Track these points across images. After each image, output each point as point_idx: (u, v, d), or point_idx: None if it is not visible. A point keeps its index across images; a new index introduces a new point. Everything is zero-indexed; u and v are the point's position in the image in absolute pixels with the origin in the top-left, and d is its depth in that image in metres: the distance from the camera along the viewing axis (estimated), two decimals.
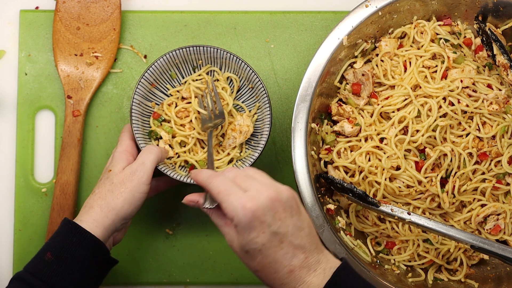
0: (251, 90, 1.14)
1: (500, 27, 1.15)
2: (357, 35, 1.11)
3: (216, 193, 0.92)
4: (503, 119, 1.11)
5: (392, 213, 1.06)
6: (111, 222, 1.01)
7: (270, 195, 0.90)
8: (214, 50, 1.11)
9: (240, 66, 1.12)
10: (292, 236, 0.91)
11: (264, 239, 0.90)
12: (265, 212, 0.89)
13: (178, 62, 1.13)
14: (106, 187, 1.03)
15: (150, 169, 1.04)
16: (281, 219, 0.90)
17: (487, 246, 1.02)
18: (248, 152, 1.14)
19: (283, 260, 0.91)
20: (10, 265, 1.18)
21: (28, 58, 1.20)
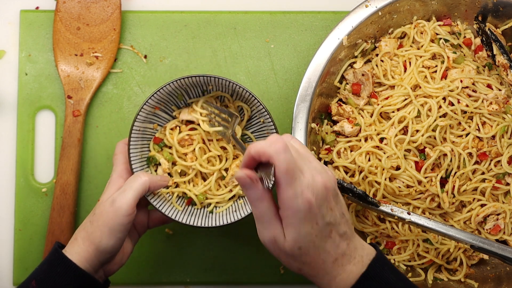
0: (261, 124, 1.10)
1: (500, 27, 1.15)
2: (357, 35, 1.11)
3: (283, 170, 0.82)
4: (502, 119, 1.12)
5: (392, 213, 1.06)
6: (93, 256, 0.97)
7: (325, 183, 0.85)
8: (226, 82, 1.05)
9: (251, 100, 1.07)
10: (339, 225, 0.88)
11: (318, 230, 0.85)
12: (321, 203, 0.85)
13: (186, 87, 1.07)
14: (89, 218, 0.99)
15: (131, 199, 0.97)
16: (331, 208, 0.87)
17: (486, 246, 1.03)
18: None
19: (330, 250, 0.87)
20: (11, 265, 1.18)
21: (28, 58, 1.20)
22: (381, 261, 0.90)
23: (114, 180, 1.02)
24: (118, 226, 0.96)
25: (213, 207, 1.08)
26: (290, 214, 0.84)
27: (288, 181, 0.82)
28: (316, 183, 0.84)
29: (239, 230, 1.18)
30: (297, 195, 0.83)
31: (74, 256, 0.96)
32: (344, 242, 0.88)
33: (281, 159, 0.82)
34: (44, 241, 1.17)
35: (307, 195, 0.83)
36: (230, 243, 1.18)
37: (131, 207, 0.97)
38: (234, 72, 1.20)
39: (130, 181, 0.99)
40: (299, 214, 0.84)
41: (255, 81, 1.21)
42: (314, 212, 0.84)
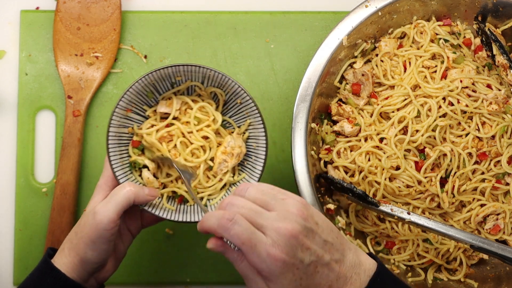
0: (238, 106, 1.05)
1: (499, 27, 1.15)
2: (357, 35, 1.11)
3: (240, 244, 0.82)
4: (502, 119, 1.12)
5: (391, 213, 1.06)
6: (79, 267, 0.95)
7: (291, 232, 0.83)
8: (195, 68, 1.01)
9: (225, 81, 1.03)
10: (322, 257, 0.85)
11: (300, 274, 0.84)
12: (294, 252, 0.83)
13: (155, 81, 1.02)
14: (74, 228, 0.97)
15: (113, 213, 0.93)
16: (308, 248, 0.84)
17: (486, 245, 1.03)
18: (242, 175, 1.06)
19: (321, 281, 0.85)
20: (11, 264, 1.18)
21: (29, 58, 1.20)
22: (382, 275, 0.88)
23: (100, 187, 1.00)
24: (101, 239, 0.94)
25: (206, 200, 1.05)
26: (265, 275, 0.83)
27: (248, 250, 0.82)
28: (281, 236, 0.83)
29: None
30: (263, 259, 0.82)
31: (63, 266, 0.95)
32: (335, 266, 0.86)
33: (232, 235, 0.82)
34: (44, 241, 1.17)
35: (274, 254, 0.82)
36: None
37: (112, 221, 0.94)
38: (234, 72, 1.20)
39: (114, 192, 0.95)
40: (274, 272, 0.83)
41: (255, 81, 1.21)
42: (289, 263, 0.83)
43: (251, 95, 1.02)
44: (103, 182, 1.00)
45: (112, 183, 1.00)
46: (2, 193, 1.19)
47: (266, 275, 0.83)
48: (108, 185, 1.00)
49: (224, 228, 0.83)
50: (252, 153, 1.06)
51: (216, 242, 0.86)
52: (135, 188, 0.96)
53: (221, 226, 0.83)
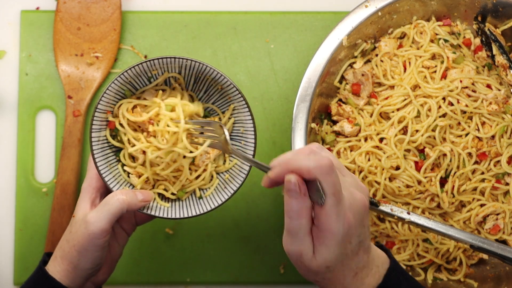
0: (220, 91, 1.02)
1: (499, 27, 1.15)
2: (356, 36, 1.11)
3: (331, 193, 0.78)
4: (502, 119, 1.12)
5: (391, 213, 1.06)
6: (73, 275, 0.94)
7: (363, 202, 0.81)
8: (171, 60, 0.98)
9: (203, 69, 0.99)
10: (366, 240, 0.84)
11: (349, 249, 0.82)
12: (358, 223, 0.81)
13: (131, 79, 0.99)
14: (65, 236, 0.96)
15: (105, 223, 0.92)
16: (364, 226, 0.83)
17: (486, 245, 1.03)
18: (234, 162, 1.03)
19: (353, 266, 0.84)
20: (11, 264, 1.18)
21: (29, 58, 1.20)
22: (396, 270, 0.88)
23: (85, 190, 0.98)
24: (93, 247, 0.93)
25: (200, 193, 1.02)
26: (327, 236, 0.80)
27: (334, 203, 0.78)
28: (356, 202, 0.81)
29: (239, 230, 1.18)
30: (339, 218, 0.79)
31: (57, 274, 0.94)
32: (365, 256, 0.85)
33: (329, 181, 0.78)
34: (44, 240, 1.17)
35: (349, 217, 0.80)
36: (230, 243, 1.19)
37: (105, 231, 0.92)
38: (234, 72, 1.21)
39: (106, 201, 0.93)
40: (337, 236, 0.80)
41: (255, 81, 1.21)
42: (351, 233, 0.81)
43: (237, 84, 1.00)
44: (88, 184, 0.98)
45: (96, 184, 0.98)
46: (2, 193, 1.19)
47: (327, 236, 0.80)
48: (92, 186, 0.97)
49: (322, 171, 0.77)
50: (241, 137, 1.03)
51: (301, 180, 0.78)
52: (127, 196, 0.94)
53: (320, 167, 0.77)
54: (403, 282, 0.88)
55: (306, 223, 0.81)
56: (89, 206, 0.96)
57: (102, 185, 0.98)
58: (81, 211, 0.96)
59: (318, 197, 0.79)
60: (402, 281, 0.88)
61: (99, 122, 0.98)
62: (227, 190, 1.01)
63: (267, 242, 1.18)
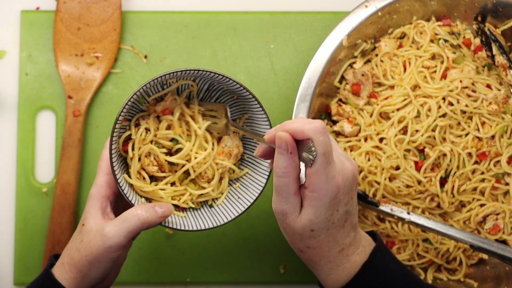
0: (235, 101, 1.01)
1: (499, 27, 1.15)
2: (356, 36, 1.11)
3: (321, 153, 0.80)
4: (502, 119, 1.12)
5: (391, 213, 1.06)
6: (81, 283, 0.93)
7: (352, 170, 0.84)
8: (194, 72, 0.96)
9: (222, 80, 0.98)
10: (354, 215, 0.87)
11: (336, 218, 0.84)
12: (347, 190, 0.84)
13: (148, 89, 0.98)
14: (75, 244, 0.94)
15: (124, 240, 0.91)
16: (352, 197, 0.86)
17: (486, 245, 1.03)
18: (245, 170, 1.03)
19: (339, 239, 0.86)
20: (11, 264, 1.18)
21: (29, 59, 1.20)
22: (381, 250, 0.90)
23: (94, 197, 0.95)
24: (108, 259, 0.92)
25: (211, 201, 1.02)
26: (315, 196, 0.82)
27: (323, 164, 0.80)
28: (346, 169, 0.83)
29: (239, 230, 1.18)
30: (329, 179, 0.81)
31: (63, 281, 0.94)
32: (352, 233, 0.88)
33: (321, 140, 0.80)
34: (44, 240, 1.17)
35: (338, 180, 0.82)
36: (230, 243, 1.19)
37: (122, 247, 0.92)
38: (234, 72, 1.21)
39: (126, 218, 0.92)
40: (325, 198, 0.82)
41: (255, 81, 1.21)
42: (339, 198, 0.83)
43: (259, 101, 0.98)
44: (96, 192, 0.96)
45: (106, 192, 0.96)
46: (2, 193, 1.19)
47: (315, 197, 0.82)
48: (102, 194, 0.96)
49: (315, 131, 0.80)
50: (254, 147, 1.03)
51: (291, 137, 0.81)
52: (148, 213, 0.92)
53: (314, 127, 0.80)
54: (389, 260, 0.90)
55: (292, 181, 0.83)
56: (101, 216, 0.94)
57: (112, 193, 0.97)
58: (92, 220, 0.94)
59: (309, 158, 0.81)
60: (388, 259, 0.90)
61: (117, 133, 0.95)
62: (240, 200, 1.01)
63: (267, 242, 1.18)
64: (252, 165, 1.03)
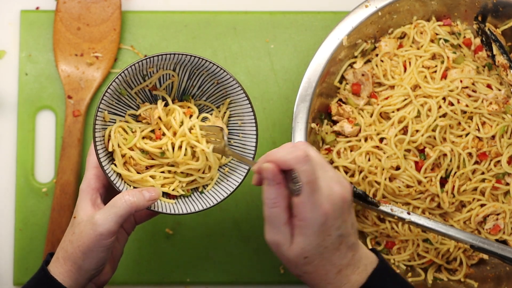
0: (216, 86, 1.02)
1: (499, 27, 1.15)
2: (357, 35, 1.11)
3: (305, 182, 0.81)
4: (502, 119, 1.12)
5: (391, 213, 1.06)
6: (77, 275, 0.93)
7: (342, 194, 0.84)
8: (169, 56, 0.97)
9: (200, 63, 0.99)
10: (349, 236, 0.86)
11: (328, 242, 0.84)
12: (337, 215, 0.83)
13: (129, 78, 0.99)
14: (68, 237, 0.94)
15: (114, 225, 0.92)
16: (345, 220, 0.85)
17: (486, 245, 1.03)
18: None
19: (335, 261, 0.86)
20: (11, 264, 1.18)
21: (29, 58, 1.20)
22: (382, 270, 0.89)
23: (84, 191, 0.96)
24: (101, 248, 0.92)
25: (202, 187, 1.02)
26: (304, 225, 0.83)
27: (309, 192, 0.81)
28: (334, 194, 0.83)
29: (239, 230, 1.18)
30: (316, 207, 0.82)
31: (59, 275, 0.94)
32: (350, 253, 0.87)
33: (303, 170, 0.81)
34: (44, 241, 1.17)
35: (325, 207, 0.82)
36: (230, 243, 1.18)
37: (112, 233, 0.92)
38: (234, 72, 1.21)
39: (114, 203, 0.93)
40: (314, 226, 0.82)
41: (255, 81, 1.21)
42: (329, 224, 0.83)
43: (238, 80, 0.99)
44: (86, 185, 0.96)
45: (96, 184, 0.97)
46: (2, 193, 1.19)
47: (304, 225, 0.82)
48: (91, 187, 0.96)
49: (297, 160, 0.81)
50: (238, 131, 1.03)
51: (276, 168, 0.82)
52: (135, 197, 0.93)
53: (296, 157, 0.81)
54: (389, 281, 0.89)
55: (282, 211, 0.84)
56: (91, 207, 0.95)
57: (101, 186, 0.98)
58: (82, 211, 0.95)
59: (295, 187, 0.82)
60: (388, 280, 0.89)
61: (101, 122, 0.97)
62: (229, 183, 1.01)
63: None
64: (239, 149, 1.02)
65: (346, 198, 0.84)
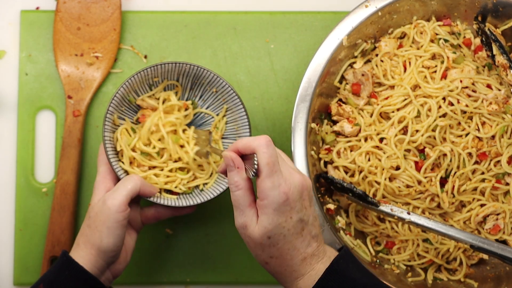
0: (215, 94, 1.10)
1: (499, 27, 1.15)
2: (357, 35, 1.11)
3: (265, 163, 0.88)
4: (502, 119, 1.12)
5: (391, 213, 1.06)
6: (97, 258, 0.99)
7: (301, 181, 0.90)
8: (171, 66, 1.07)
9: (200, 73, 1.08)
10: (311, 225, 0.92)
11: (290, 224, 0.90)
12: (296, 198, 0.90)
13: (136, 85, 1.08)
14: (85, 222, 1.01)
15: (122, 195, 0.99)
16: (305, 207, 0.91)
17: (486, 245, 1.03)
18: None
19: (300, 247, 0.92)
20: (11, 264, 1.18)
21: (29, 58, 1.20)
22: (346, 257, 0.94)
23: (99, 182, 1.04)
24: (114, 223, 0.98)
25: (202, 186, 1.10)
26: (266, 204, 0.89)
27: (268, 172, 0.88)
28: (293, 179, 0.90)
29: None
30: (275, 186, 0.88)
31: (80, 260, 0.98)
32: (314, 243, 0.93)
33: (264, 151, 0.88)
34: (44, 241, 1.17)
35: (284, 187, 0.88)
36: (230, 243, 1.19)
37: (123, 204, 0.98)
38: (234, 72, 1.21)
39: (122, 182, 1.01)
40: (274, 204, 0.88)
41: (255, 81, 1.21)
42: (289, 205, 0.89)
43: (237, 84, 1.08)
44: (102, 177, 1.04)
45: (110, 176, 1.04)
46: (2, 193, 1.19)
47: (265, 204, 0.88)
48: (107, 178, 1.04)
49: (259, 143, 0.88)
50: (235, 134, 1.11)
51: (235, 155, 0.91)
52: (141, 179, 1.02)
53: (257, 141, 0.89)
54: (353, 268, 0.94)
55: (245, 193, 0.91)
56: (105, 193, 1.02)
57: (114, 178, 1.05)
58: (97, 197, 1.02)
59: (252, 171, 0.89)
60: (352, 267, 0.94)
61: (110, 124, 1.05)
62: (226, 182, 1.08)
63: None
64: None
65: (305, 186, 0.91)
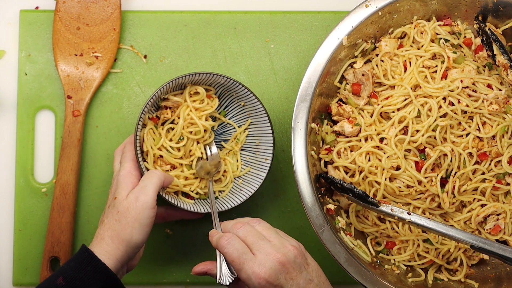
0: (242, 107, 1.14)
1: (500, 27, 1.15)
2: (357, 35, 1.11)
3: (230, 260, 0.95)
4: (503, 119, 1.12)
5: (392, 213, 1.06)
6: (123, 253, 1.00)
7: (279, 259, 0.94)
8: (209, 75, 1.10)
9: (233, 85, 1.12)
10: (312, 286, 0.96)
11: None
12: (277, 276, 0.93)
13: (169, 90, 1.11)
14: (113, 217, 1.02)
15: (152, 191, 1.02)
16: (292, 278, 0.95)
17: (487, 246, 1.02)
18: (246, 169, 1.15)
19: None
20: (10, 265, 1.18)
21: (28, 58, 1.20)
22: None
23: (125, 176, 1.05)
24: (147, 220, 1.01)
25: (218, 194, 1.15)
26: None
27: (237, 267, 0.95)
28: (268, 259, 0.94)
29: None
30: (249, 276, 0.93)
31: (103, 256, 0.99)
32: None
33: (226, 252, 0.95)
34: (44, 241, 1.17)
35: (259, 273, 0.93)
36: None
37: (154, 201, 1.02)
38: (234, 72, 1.20)
39: (148, 177, 1.04)
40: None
41: (255, 81, 1.21)
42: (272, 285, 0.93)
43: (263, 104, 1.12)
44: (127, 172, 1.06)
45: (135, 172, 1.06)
46: (2, 193, 1.19)
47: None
48: (132, 174, 1.06)
49: (221, 245, 0.96)
50: (255, 149, 1.15)
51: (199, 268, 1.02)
52: (161, 172, 1.06)
53: (218, 244, 0.97)
54: None
55: None
56: (132, 188, 1.04)
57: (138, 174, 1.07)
58: (124, 191, 1.03)
59: None
60: None
61: (141, 124, 1.08)
62: (242, 193, 1.13)
63: None
64: (254, 165, 1.15)
65: (283, 261, 0.94)
